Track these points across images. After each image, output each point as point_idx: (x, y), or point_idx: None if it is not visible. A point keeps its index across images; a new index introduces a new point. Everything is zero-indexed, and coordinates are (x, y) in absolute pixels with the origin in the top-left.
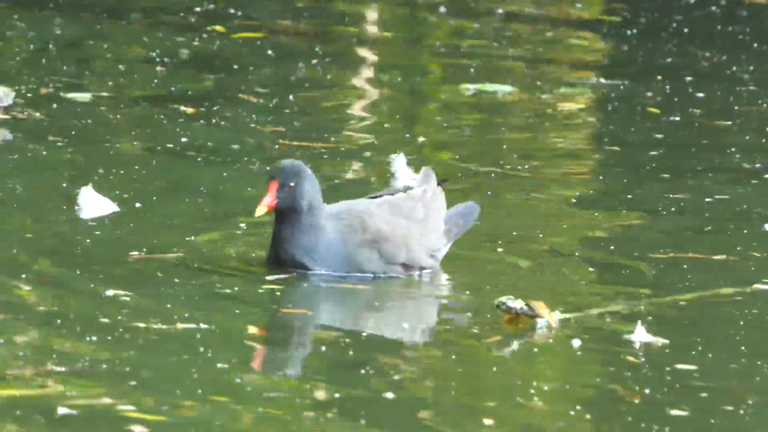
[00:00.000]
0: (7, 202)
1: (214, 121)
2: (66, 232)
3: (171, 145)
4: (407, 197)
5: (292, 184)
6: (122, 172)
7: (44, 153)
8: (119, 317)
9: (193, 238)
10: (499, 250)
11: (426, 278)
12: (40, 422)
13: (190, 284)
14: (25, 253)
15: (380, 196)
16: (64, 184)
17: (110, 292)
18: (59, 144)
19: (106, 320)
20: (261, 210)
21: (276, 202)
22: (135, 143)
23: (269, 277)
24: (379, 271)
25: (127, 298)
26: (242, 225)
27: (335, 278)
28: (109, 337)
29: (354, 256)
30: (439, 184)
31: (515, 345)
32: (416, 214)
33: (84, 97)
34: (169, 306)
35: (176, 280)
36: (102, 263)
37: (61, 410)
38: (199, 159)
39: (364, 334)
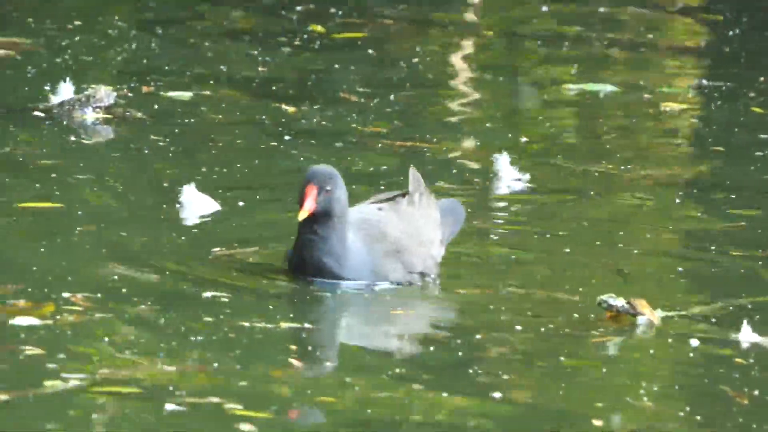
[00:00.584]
0: (109, 200)
1: (315, 120)
2: (167, 232)
3: (275, 144)
4: (408, 204)
5: (328, 188)
6: (225, 170)
7: (146, 152)
8: (221, 316)
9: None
10: (601, 248)
11: (533, 279)
12: (149, 419)
13: (285, 284)
14: (126, 253)
15: (380, 201)
16: (166, 183)
17: (208, 294)
18: (161, 143)
19: (209, 319)
20: (304, 215)
21: (316, 207)
22: (238, 142)
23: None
24: (403, 281)
25: (226, 299)
26: None
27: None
28: (214, 337)
29: (381, 266)
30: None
31: (621, 344)
32: (418, 221)
33: (185, 96)
34: (270, 307)
35: (264, 281)
36: (200, 263)
37: (169, 407)
38: (301, 158)
39: (472, 335)
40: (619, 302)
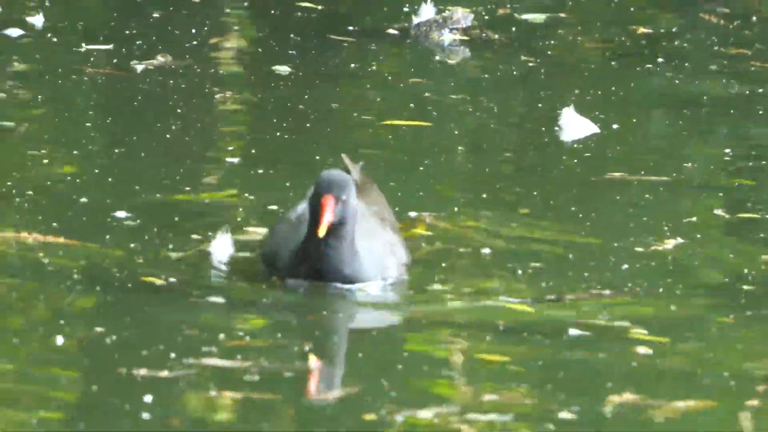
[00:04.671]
0: (483, 121)
1: (676, 42)
2: (550, 153)
3: (649, 66)
4: (368, 193)
5: (344, 197)
6: (599, 92)
7: (515, 73)
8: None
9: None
10: None
11: None
12: (552, 343)
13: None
14: (498, 177)
15: None
16: (540, 104)
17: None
18: (531, 64)
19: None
20: (324, 231)
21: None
22: (613, 63)
23: None
24: (397, 276)
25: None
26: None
27: None
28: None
29: (383, 264)
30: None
31: None
32: (384, 211)
33: (539, 17)
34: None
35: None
36: (583, 185)
37: (573, 331)
38: (676, 81)
39: None
40: None
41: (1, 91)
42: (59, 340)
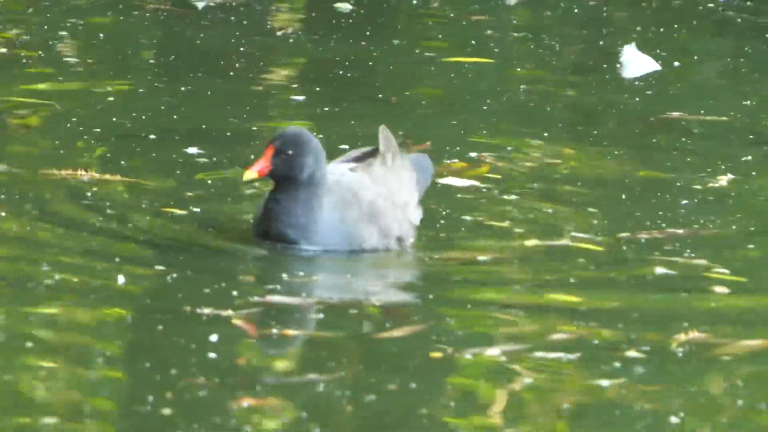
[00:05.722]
0: (544, 57)
1: None
2: (610, 91)
3: (711, 5)
4: (381, 165)
5: (290, 152)
6: (662, 30)
7: (576, 11)
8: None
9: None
10: None
11: None
12: (626, 282)
13: None
14: (568, 112)
15: (350, 160)
16: (601, 42)
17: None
18: (592, 2)
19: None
20: (249, 175)
21: (270, 170)
22: (675, 3)
23: None
24: (380, 247)
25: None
26: None
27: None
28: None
29: (355, 233)
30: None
31: None
32: (392, 183)
33: None
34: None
35: None
36: (642, 123)
37: (659, 270)
38: (730, 12)
39: None
40: None
41: (63, 29)
42: (120, 279)
